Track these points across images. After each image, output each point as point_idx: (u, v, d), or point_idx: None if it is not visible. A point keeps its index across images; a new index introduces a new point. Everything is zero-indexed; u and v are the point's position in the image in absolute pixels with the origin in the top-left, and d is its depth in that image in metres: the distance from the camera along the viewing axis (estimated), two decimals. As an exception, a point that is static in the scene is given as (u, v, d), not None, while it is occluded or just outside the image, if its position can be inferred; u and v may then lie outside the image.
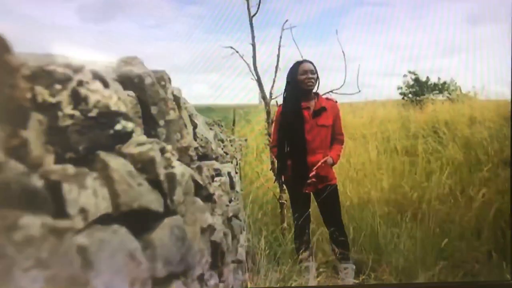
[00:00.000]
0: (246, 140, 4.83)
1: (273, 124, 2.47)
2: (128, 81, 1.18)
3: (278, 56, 2.89)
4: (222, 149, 2.86)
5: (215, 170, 1.66)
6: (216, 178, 1.62)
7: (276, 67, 2.84)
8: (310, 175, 2.15)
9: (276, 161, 2.56)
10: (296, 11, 2.86)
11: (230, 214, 1.57)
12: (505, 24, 2.29)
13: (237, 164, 3.94)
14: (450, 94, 5.92)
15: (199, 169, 1.26)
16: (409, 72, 6.31)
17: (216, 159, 1.82)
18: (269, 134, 2.76)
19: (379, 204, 2.90)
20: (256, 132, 4.70)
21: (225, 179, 1.67)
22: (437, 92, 6.13)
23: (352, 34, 2.84)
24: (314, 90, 2.26)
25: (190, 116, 1.68)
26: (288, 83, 2.29)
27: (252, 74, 2.83)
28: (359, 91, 2.79)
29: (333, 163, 2.26)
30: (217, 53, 2.79)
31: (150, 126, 1.18)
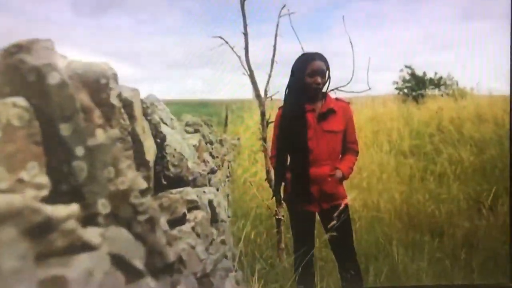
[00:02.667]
0: (238, 139, 4.26)
1: (273, 130, 1.92)
2: (16, 80, 0.64)
3: (275, 47, 2.33)
4: (211, 153, 2.31)
5: (190, 202, 1.13)
6: (190, 216, 1.09)
7: (272, 60, 2.28)
8: (329, 226, 1.61)
9: (272, 171, 2.03)
10: (287, 6, 2.38)
11: (210, 269, 1.05)
12: (501, 19, 1.85)
13: (228, 168, 3.40)
14: (447, 89, 5.44)
15: (150, 223, 0.73)
16: (406, 66, 5.79)
17: (194, 181, 1.28)
18: (264, 139, 2.21)
19: (390, 218, 2.39)
20: (250, 129, 4.15)
21: (203, 214, 1.13)
22: (433, 87, 5.66)
23: (346, 29, 2.38)
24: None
25: (156, 126, 1.13)
26: (292, 76, 1.75)
27: (244, 69, 2.28)
28: (369, 88, 2.26)
29: (344, 178, 1.73)
30: (210, 47, 2.31)
31: (58, 158, 0.65)
